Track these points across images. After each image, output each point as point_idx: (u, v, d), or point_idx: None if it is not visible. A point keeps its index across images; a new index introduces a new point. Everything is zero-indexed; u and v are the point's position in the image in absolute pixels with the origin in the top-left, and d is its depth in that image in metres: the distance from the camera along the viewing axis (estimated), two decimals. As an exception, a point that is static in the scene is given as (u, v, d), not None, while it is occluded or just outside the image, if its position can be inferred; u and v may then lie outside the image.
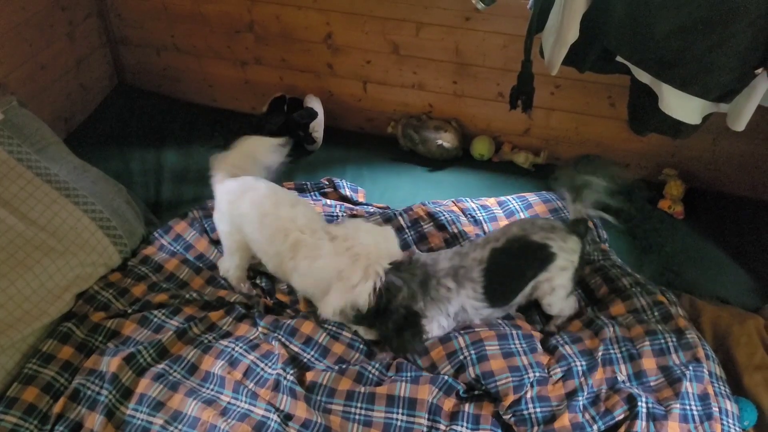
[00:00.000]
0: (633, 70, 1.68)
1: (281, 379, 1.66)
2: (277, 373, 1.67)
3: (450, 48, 2.44)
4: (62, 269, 1.82)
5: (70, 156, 2.15)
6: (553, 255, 1.75)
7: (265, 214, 1.77)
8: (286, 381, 1.65)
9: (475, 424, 1.59)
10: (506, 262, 1.75)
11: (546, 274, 1.77)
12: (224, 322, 1.84)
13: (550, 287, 1.78)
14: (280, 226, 1.75)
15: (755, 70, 1.45)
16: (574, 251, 1.77)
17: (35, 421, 1.59)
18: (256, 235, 1.79)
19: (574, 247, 1.78)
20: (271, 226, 1.76)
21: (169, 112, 2.83)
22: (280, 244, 1.75)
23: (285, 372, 1.67)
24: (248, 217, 1.79)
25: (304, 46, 2.62)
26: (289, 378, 1.66)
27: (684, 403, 1.59)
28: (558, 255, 1.75)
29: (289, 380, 1.65)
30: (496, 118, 2.60)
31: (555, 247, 1.75)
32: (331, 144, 2.68)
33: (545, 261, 1.75)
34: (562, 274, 1.77)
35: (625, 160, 2.55)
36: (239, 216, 1.81)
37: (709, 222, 2.34)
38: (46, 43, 2.50)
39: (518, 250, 1.75)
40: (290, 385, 1.64)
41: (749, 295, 2.05)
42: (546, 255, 1.75)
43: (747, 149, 2.36)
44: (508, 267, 1.76)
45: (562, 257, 1.75)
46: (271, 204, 1.79)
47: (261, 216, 1.77)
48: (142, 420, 1.60)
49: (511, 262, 1.76)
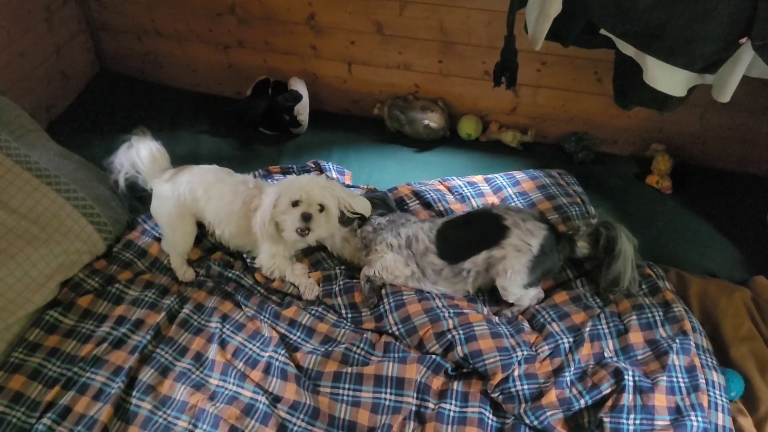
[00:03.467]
0: (617, 42, 1.67)
1: (273, 361, 1.66)
2: (269, 356, 1.68)
3: (434, 26, 2.42)
4: (46, 257, 1.80)
5: (50, 143, 2.13)
6: (506, 229, 1.75)
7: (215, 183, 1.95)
8: (278, 362, 1.65)
9: (464, 402, 1.59)
10: (461, 223, 1.88)
11: (499, 250, 1.76)
12: (210, 300, 1.86)
13: (503, 268, 1.76)
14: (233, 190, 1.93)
15: (739, 40, 1.44)
16: (532, 234, 1.74)
17: (23, 408, 1.58)
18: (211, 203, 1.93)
19: (533, 230, 1.75)
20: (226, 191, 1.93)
21: (152, 98, 2.80)
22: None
23: (277, 353, 1.67)
24: (199, 190, 1.93)
25: (287, 27, 2.59)
26: (281, 359, 1.66)
27: (671, 376, 1.59)
28: (511, 231, 1.74)
29: (281, 361, 1.65)
30: (482, 97, 2.59)
31: (509, 222, 1.75)
32: (316, 127, 2.66)
33: (497, 232, 1.76)
34: (516, 257, 1.74)
35: (612, 136, 2.55)
36: (189, 191, 1.93)
37: (697, 196, 2.35)
38: (23, 29, 2.46)
39: (475, 217, 1.90)
40: (282, 366, 1.64)
41: (736, 268, 2.06)
42: (498, 226, 1.76)
43: (734, 123, 2.36)
44: (461, 226, 1.87)
45: (515, 234, 1.74)
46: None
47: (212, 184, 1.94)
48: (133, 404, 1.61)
49: (465, 225, 1.87)
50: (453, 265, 1.81)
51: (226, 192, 1.92)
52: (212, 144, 2.57)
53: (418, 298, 1.81)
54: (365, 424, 1.56)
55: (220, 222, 1.92)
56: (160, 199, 1.96)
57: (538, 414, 1.54)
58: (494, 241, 1.76)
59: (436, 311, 1.75)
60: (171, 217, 1.94)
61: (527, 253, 1.74)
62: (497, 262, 1.77)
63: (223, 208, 1.91)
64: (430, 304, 1.78)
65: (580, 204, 2.15)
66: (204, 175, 1.97)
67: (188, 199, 1.92)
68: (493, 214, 1.81)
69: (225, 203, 1.91)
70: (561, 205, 2.12)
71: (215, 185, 1.93)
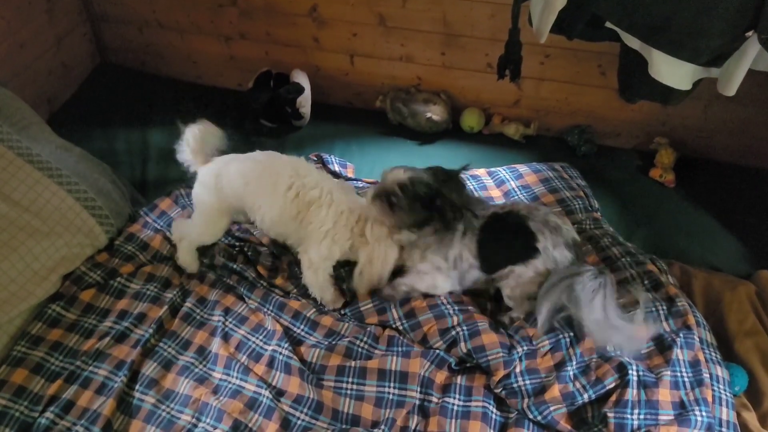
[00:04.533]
0: (622, 35, 1.66)
1: (277, 354, 1.66)
2: (272, 349, 1.68)
3: (437, 18, 2.40)
4: (48, 250, 1.80)
5: (52, 136, 2.12)
6: (536, 251, 1.65)
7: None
8: (282, 356, 1.65)
9: (468, 396, 1.59)
10: (498, 230, 1.72)
11: (523, 269, 1.67)
12: (213, 293, 1.86)
13: (516, 280, 1.69)
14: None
15: (746, 33, 1.42)
16: (555, 263, 1.65)
17: (25, 402, 1.58)
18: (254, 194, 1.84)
19: (558, 259, 1.66)
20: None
21: (153, 91, 2.78)
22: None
23: (281, 347, 1.67)
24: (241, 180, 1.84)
25: (289, 19, 2.57)
26: (285, 353, 1.66)
27: (675, 370, 1.59)
28: (540, 254, 1.65)
29: (284, 355, 1.65)
30: (485, 89, 2.57)
31: (541, 245, 1.65)
32: (319, 119, 2.65)
33: (527, 251, 1.66)
34: (533, 277, 1.67)
35: (616, 129, 2.53)
36: (234, 185, 1.83)
37: (700, 190, 2.34)
38: (24, 20, 2.44)
39: (509, 225, 1.71)
40: (285, 360, 1.64)
41: (740, 262, 2.05)
42: (529, 245, 1.66)
43: (738, 116, 2.35)
44: (498, 234, 1.72)
45: (541, 260, 1.65)
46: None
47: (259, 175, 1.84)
48: (136, 398, 1.61)
49: (501, 233, 1.72)
50: (488, 275, 1.75)
51: (269, 175, 1.83)
52: (214, 136, 2.56)
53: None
54: (369, 418, 1.56)
55: (260, 207, 1.84)
56: (204, 187, 1.89)
57: (542, 409, 1.54)
58: (522, 259, 1.67)
59: (441, 308, 1.74)
60: (211, 209, 1.88)
61: (543, 273, 1.66)
62: (517, 276, 1.70)
63: (265, 194, 1.82)
64: (435, 300, 1.77)
65: (583, 197, 2.15)
66: (252, 163, 1.88)
67: (231, 194, 1.85)
68: (529, 230, 1.67)
69: (268, 187, 1.82)
70: (564, 198, 2.12)
71: (259, 171, 1.85)
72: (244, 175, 1.84)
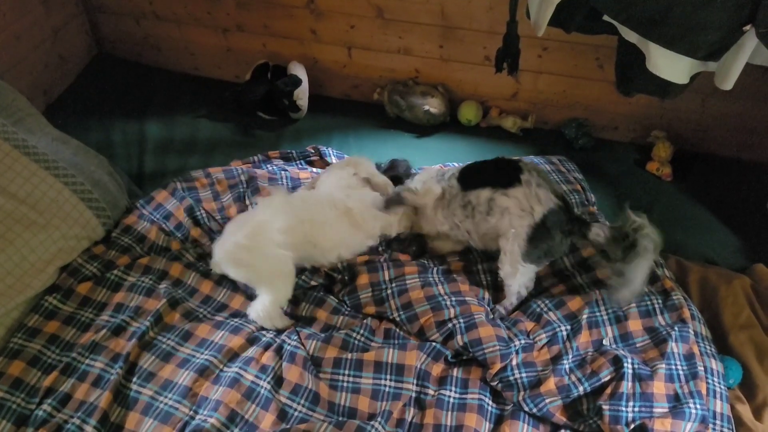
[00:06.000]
0: (620, 29, 1.66)
1: (285, 345, 1.67)
2: (282, 340, 1.69)
3: (435, 11, 2.39)
4: (44, 242, 1.80)
5: (48, 128, 2.11)
6: (518, 181, 1.74)
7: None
8: (289, 346, 1.66)
9: (464, 388, 1.60)
10: (489, 162, 1.90)
11: (502, 198, 1.75)
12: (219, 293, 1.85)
13: (509, 224, 1.74)
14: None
15: (743, 27, 1.43)
16: (538, 201, 1.71)
17: (22, 395, 1.58)
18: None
19: (542, 198, 1.72)
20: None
21: (150, 82, 2.78)
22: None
23: (290, 339, 1.69)
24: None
25: (286, 11, 2.56)
26: (292, 343, 1.67)
27: (670, 363, 1.60)
28: (521, 185, 1.74)
29: (291, 345, 1.66)
30: (483, 82, 2.57)
31: (524, 177, 1.75)
32: (316, 112, 2.64)
33: (509, 179, 1.76)
34: (519, 218, 1.72)
35: (613, 122, 2.53)
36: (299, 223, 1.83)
37: (697, 183, 2.34)
38: (20, 12, 2.43)
39: (502, 161, 1.87)
40: (292, 350, 1.65)
41: (736, 256, 2.06)
42: (513, 175, 1.76)
43: (735, 110, 2.35)
44: (487, 163, 1.89)
45: (522, 191, 1.73)
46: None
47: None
48: (133, 391, 1.60)
49: (490, 163, 1.89)
50: (463, 192, 1.84)
51: (323, 214, 1.90)
52: (211, 129, 2.55)
53: (421, 284, 1.80)
54: (365, 410, 1.57)
55: (335, 246, 1.90)
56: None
57: (537, 401, 1.54)
58: (501, 185, 1.76)
59: (438, 299, 1.75)
60: (278, 269, 1.78)
61: (528, 217, 1.72)
62: (502, 216, 1.75)
63: (332, 231, 1.89)
64: (433, 291, 1.77)
65: (580, 191, 2.15)
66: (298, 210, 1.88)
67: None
68: (518, 165, 1.80)
69: (330, 225, 1.89)
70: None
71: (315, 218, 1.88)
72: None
